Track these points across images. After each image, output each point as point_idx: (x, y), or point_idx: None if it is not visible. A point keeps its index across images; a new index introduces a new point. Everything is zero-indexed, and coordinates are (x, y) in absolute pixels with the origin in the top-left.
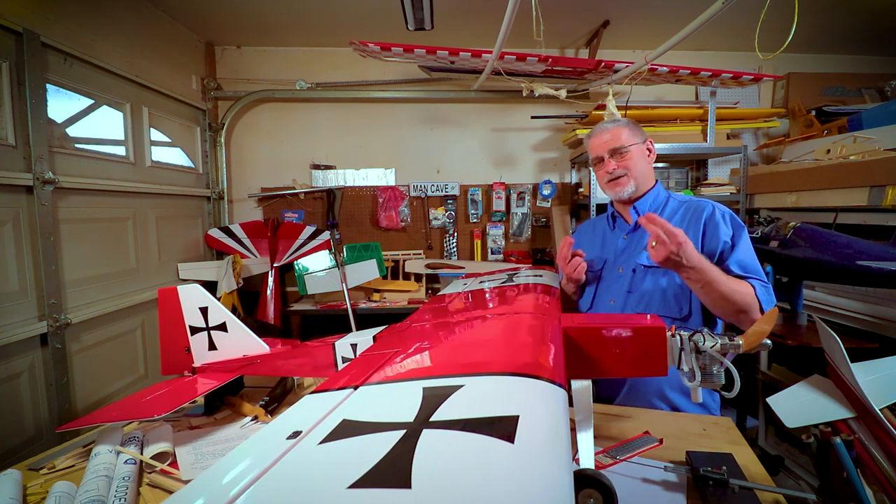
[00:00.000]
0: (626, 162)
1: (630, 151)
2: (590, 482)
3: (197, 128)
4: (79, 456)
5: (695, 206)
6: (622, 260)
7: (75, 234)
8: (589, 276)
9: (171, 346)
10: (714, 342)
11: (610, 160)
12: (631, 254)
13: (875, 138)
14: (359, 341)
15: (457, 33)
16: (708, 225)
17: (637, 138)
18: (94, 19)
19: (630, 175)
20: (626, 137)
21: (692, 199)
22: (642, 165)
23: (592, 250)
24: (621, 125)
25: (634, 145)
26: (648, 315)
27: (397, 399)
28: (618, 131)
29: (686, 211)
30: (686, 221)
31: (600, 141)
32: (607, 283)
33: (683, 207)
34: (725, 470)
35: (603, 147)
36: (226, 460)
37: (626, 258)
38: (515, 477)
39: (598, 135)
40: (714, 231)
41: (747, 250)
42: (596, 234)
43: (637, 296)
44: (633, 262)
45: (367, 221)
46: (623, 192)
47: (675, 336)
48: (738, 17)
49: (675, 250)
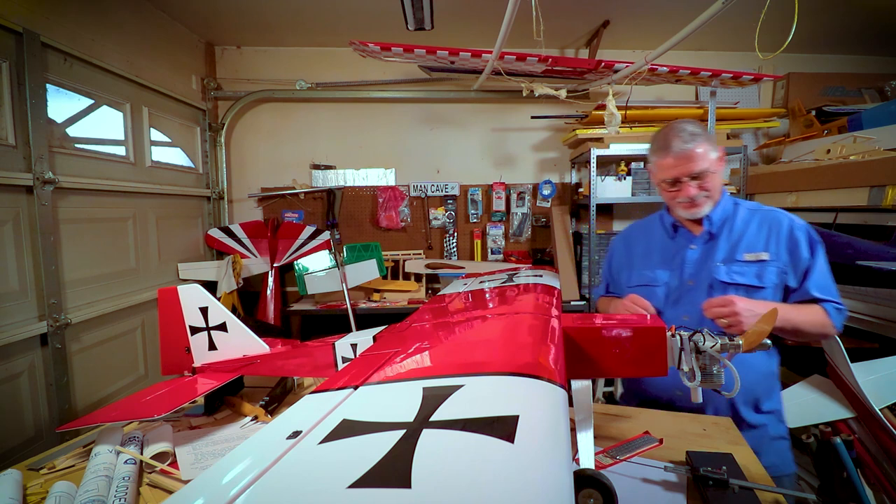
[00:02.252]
0: (708, 184)
1: (714, 174)
2: (590, 482)
3: (197, 128)
4: (79, 456)
5: (770, 217)
6: (692, 272)
7: (75, 234)
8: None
9: (172, 346)
10: (714, 342)
11: (690, 184)
12: (702, 266)
13: (875, 138)
14: (359, 341)
15: (457, 33)
16: (790, 243)
17: (716, 151)
18: (94, 19)
19: (710, 196)
20: (708, 157)
21: (761, 207)
22: (719, 181)
23: (649, 260)
24: (701, 141)
25: (715, 163)
26: (648, 315)
27: (397, 399)
28: (700, 152)
29: (762, 222)
30: (766, 235)
31: (679, 162)
32: (677, 297)
33: (757, 218)
34: (725, 470)
35: (682, 170)
36: (226, 460)
37: (697, 270)
38: (515, 477)
39: (676, 154)
40: (795, 249)
41: (824, 270)
42: (651, 242)
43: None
44: (707, 275)
45: (367, 221)
46: (700, 213)
47: (675, 336)
48: (738, 17)
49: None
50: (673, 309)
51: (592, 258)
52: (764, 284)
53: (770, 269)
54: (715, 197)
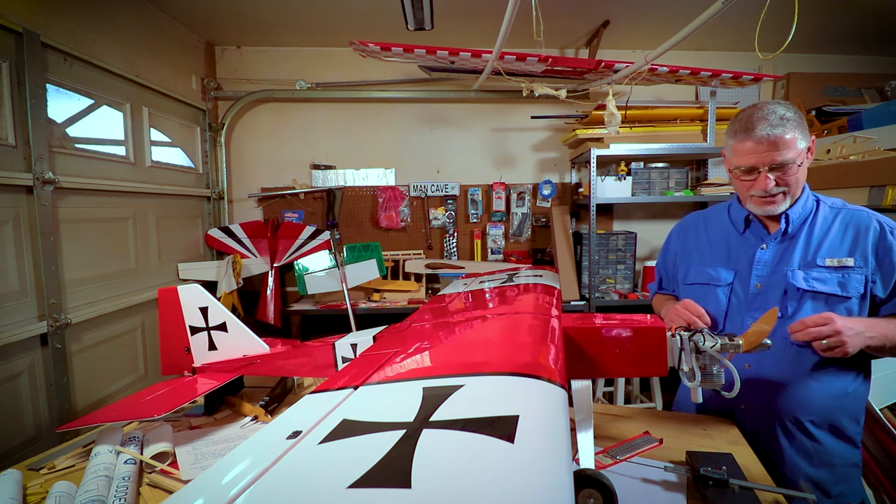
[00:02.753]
0: (790, 177)
1: (799, 166)
2: (590, 482)
3: (197, 128)
4: (79, 456)
5: (856, 218)
6: (762, 275)
7: (75, 234)
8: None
9: (172, 346)
10: (714, 342)
11: (768, 175)
12: (775, 268)
13: (875, 138)
14: (359, 341)
15: (457, 33)
16: (879, 248)
17: (805, 141)
18: (94, 19)
19: (789, 192)
20: (796, 147)
21: (846, 205)
22: (803, 175)
23: (711, 256)
24: (791, 126)
25: (802, 154)
26: (648, 315)
27: (397, 399)
28: (788, 139)
29: (845, 223)
30: (852, 237)
31: (760, 148)
32: (741, 302)
33: (840, 217)
34: (725, 470)
35: (762, 157)
36: (226, 460)
37: (768, 273)
38: (515, 477)
39: (757, 139)
40: (887, 256)
41: None
42: (715, 235)
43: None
44: (780, 280)
45: (367, 221)
46: (774, 210)
47: (675, 336)
48: (738, 17)
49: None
50: (737, 315)
51: (592, 258)
52: (849, 294)
53: (855, 276)
54: (794, 193)
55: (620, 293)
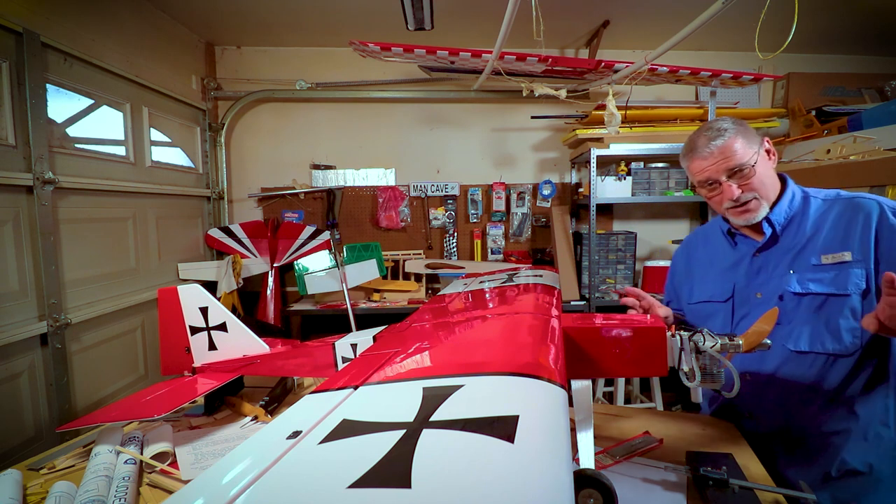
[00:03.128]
0: (751, 182)
1: (754, 168)
2: (590, 482)
3: (197, 128)
4: (79, 456)
5: (852, 206)
6: (758, 283)
7: (75, 234)
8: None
9: (172, 346)
10: (714, 342)
11: (730, 184)
12: (769, 276)
13: (875, 138)
14: (359, 341)
15: (457, 33)
16: (881, 231)
17: (754, 145)
18: (94, 19)
19: (760, 196)
20: (743, 150)
21: (841, 194)
22: (768, 177)
23: (711, 272)
24: (730, 135)
25: (757, 156)
26: (648, 315)
27: (397, 399)
28: (731, 145)
29: (841, 213)
30: (844, 228)
31: (708, 163)
32: (746, 312)
33: (836, 209)
34: (725, 470)
35: (714, 168)
36: (226, 460)
37: (763, 281)
38: (515, 477)
39: (702, 156)
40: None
41: None
42: (713, 251)
43: (791, 329)
44: (776, 286)
45: (367, 221)
46: (754, 217)
47: (675, 336)
48: (738, 17)
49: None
50: (740, 325)
51: (592, 258)
52: (847, 291)
53: (854, 270)
54: (768, 195)
55: (620, 293)
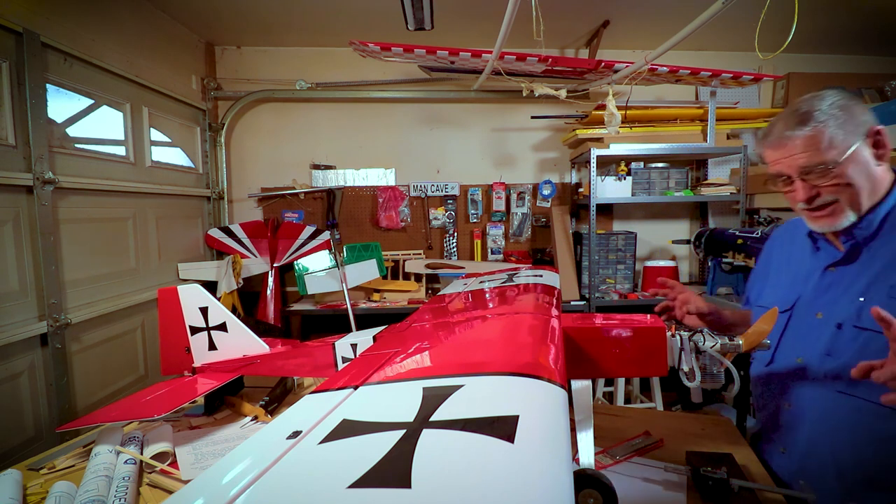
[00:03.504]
0: (834, 185)
1: (842, 166)
2: (590, 482)
3: (197, 128)
4: (79, 456)
5: None
6: (823, 302)
7: (75, 234)
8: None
9: (172, 346)
10: (714, 342)
11: (801, 183)
12: (838, 296)
13: None
14: (359, 341)
15: (457, 33)
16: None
17: (853, 137)
18: (94, 19)
19: (844, 202)
20: (829, 145)
21: None
22: (864, 177)
23: (783, 278)
24: (817, 123)
25: (849, 155)
26: (648, 315)
27: (397, 399)
28: (811, 138)
29: None
30: None
31: (780, 154)
32: (798, 331)
33: None
34: (725, 470)
35: (787, 164)
36: (226, 460)
37: (829, 301)
38: (515, 477)
39: (776, 144)
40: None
41: None
42: (792, 252)
43: (839, 364)
44: (841, 310)
45: (367, 221)
46: (833, 225)
47: (676, 336)
48: (738, 17)
49: None
50: (793, 345)
51: (592, 258)
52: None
53: None
54: (858, 201)
55: (620, 293)
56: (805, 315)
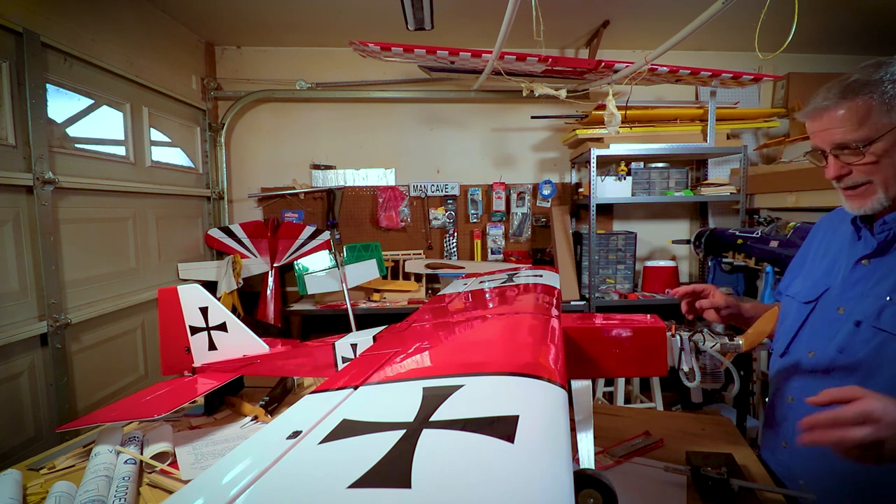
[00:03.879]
0: (867, 165)
1: (877, 146)
2: (590, 482)
3: (197, 128)
4: (79, 456)
5: None
6: (848, 297)
7: (75, 234)
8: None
9: (171, 346)
10: (714, 342)
11: (833, 160)
12: (865, 292)
13: None
14: (359, 341)
15: (457, 33)
16: None
17: (894, 116)
18: (94, 19)
19: (877, 183)
20: (867, 120)
21: None
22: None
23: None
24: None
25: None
26: (648, 315)
27: (397, 399)
28: (851, 110)
29: None
30: None
31: (816, 126)
32: (817, 324)
33: None
34: (725, 470)
35: (821, 138)
36: (226, 460)
37: (854, 296)
38: (515, 477)
39: (813, 115)
40: None
41: None
42: (833, 240)
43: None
44: (862, 308)
45: (367, 221)
46: (863, 207)
47: (676, 336)
48: (738, 17)
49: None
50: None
51: (592, 258)
52: None
53: None
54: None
55: (620, 293)
56: (828, 308)
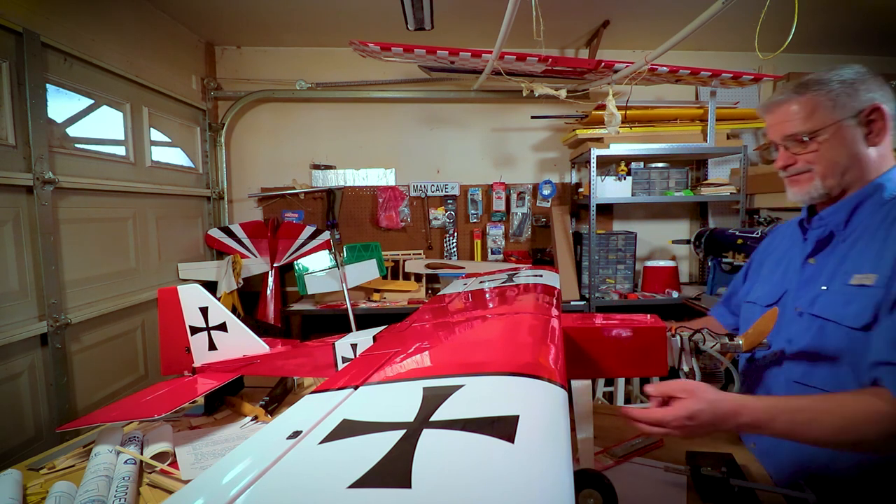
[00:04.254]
0: (810, 154)
1: (820, 136)
2: (590, 482)
3: (197, 128)
4: (79, 456)
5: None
6: (801, 295)
7: (75, 234)
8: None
9: (171, 346)
10: (714, 342)
11: (782, 151)
12: (810, 287)
13: None
14: (359, 341)
15: (457, 33)
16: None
17: (842, 111)
18: (94, 19)
19: (816, 172)
20: (812, 115)
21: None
22: (846, 155)
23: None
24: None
25: (828, 128)
26: (648, 315)
27: (397, 399)
28: (798, 106)
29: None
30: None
31: (770, 120)
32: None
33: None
34: (725, 470)
35: (774, 131)
36: (226, 460)
37: (808, 295)
38: (516, 477)
39: (768, 109)
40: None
41: None
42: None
43: (796, 351)
44: (807, 301)
45: (367, 221)
46: (800, 194)
47: (676, 336)
48: (738, 17)
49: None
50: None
51: (592, 258)
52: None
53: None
54: (833, 175)
55: (620, 293)
56: (787, 309)
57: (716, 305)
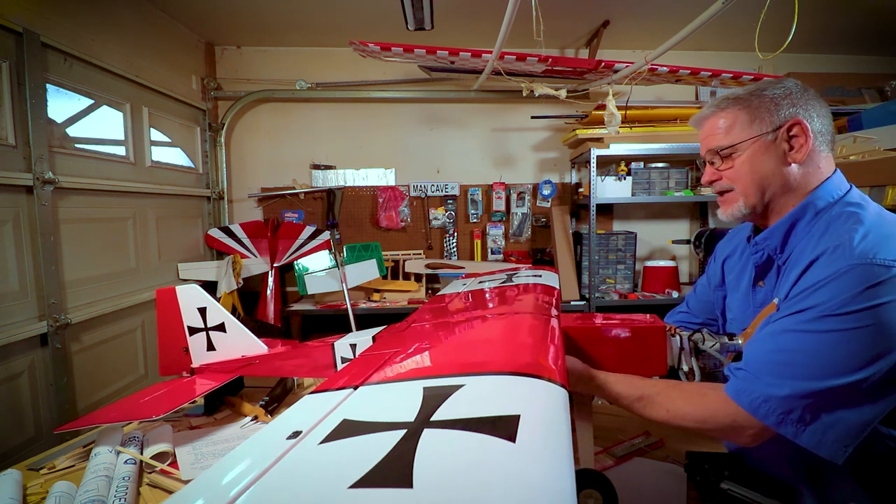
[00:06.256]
0: (731, 171)
1: (739, 152)
2: (590, 482)
3: (197, 128)
4: (79, 456)
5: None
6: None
7: (75, 234)
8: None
9: (169, 347)
10: (714, 342)
11: (708, 166)
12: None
13: (875, 138)
14: (358, 341)
15: (457, 33)
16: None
17: (760, 126)
18: (94, 19)
19: (738, 192)
20: (729, 130)
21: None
22: (764, 171)
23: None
24: (727, 106)
25: (746, 143)
26: (648, 315)
27: (398, 399)
28: (718, 120)
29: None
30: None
31: (700, 134)
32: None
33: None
34: (727, 473)
35: (703, 144)
36: (226, 460)
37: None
38: (517, 476)
39: (700, 122)
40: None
41: (796, 341)
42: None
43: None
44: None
45: (367, 221)
46: (725, 214)
47: (676, 336)
48: (738, 17)
49: None
50: None
51: (592, 258)
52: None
53: None
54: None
55: (620, 293)
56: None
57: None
